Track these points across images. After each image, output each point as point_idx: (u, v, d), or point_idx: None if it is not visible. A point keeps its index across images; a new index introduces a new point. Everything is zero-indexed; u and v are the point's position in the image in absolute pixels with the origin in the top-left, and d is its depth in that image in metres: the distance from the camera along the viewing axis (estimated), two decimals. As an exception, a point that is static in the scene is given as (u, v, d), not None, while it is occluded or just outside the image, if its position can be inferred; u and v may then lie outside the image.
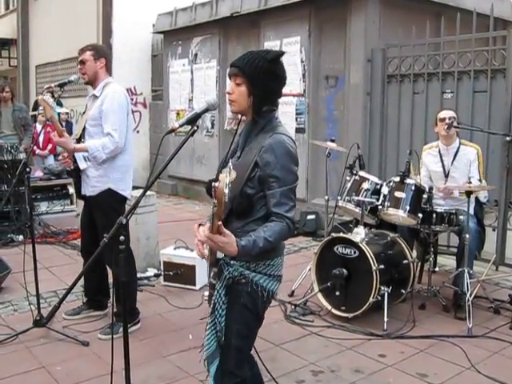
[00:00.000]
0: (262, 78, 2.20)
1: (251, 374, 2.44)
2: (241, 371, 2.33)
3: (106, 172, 3.98)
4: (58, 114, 10.40)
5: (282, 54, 2.26)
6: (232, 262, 2.24)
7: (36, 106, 10.96)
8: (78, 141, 4.05)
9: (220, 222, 2.04)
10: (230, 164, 2.04)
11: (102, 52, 4.11)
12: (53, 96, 10.66)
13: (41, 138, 9.37)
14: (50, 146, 9.62)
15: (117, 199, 4.03)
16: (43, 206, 7.19)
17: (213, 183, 1.92)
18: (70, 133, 10.63)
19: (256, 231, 2.14)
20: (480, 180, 4.74)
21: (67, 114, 10.85)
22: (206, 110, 2.26)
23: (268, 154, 2.17)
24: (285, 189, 2.18)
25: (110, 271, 4.25)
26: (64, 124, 10.63)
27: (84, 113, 4.14)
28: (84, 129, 4.04)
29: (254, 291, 2.25)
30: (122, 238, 2.13)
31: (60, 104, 10.65)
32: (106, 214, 3.93)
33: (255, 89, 2.21)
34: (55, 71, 13.80)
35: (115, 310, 3.64)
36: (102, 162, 3.94)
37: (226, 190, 1.87)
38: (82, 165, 3.99)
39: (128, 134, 4.03)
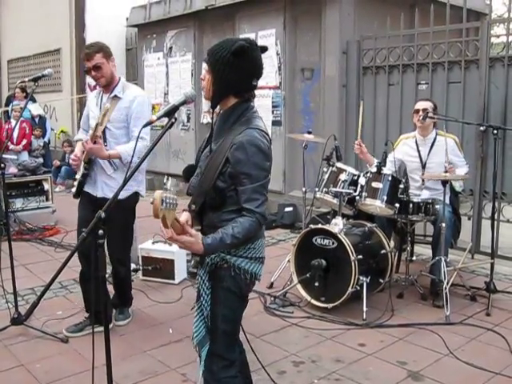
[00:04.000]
0: (222, 69, 2.17)
1: (240, 358, 2.47)
2: (230, 354, 2.37)
3: (134, 176, 3.73)
4: (29, 111, 10.28)
5: (244, 45, 2.17)
6: None
7: (8, 102, 10.80)
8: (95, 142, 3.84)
9: (184, 222, 2.09)
10: (167, 181, 2.07)
11: (109, 50, 3.89)
12: (25, 91, 10.56)
13: (15, 134, 9.26)
14: (24, 142, 9.51)
15: (136, 200, 4.07)
16: (18, 203, 7.06)
17: (151, 199, 1.90)
18: (44, 128, 10.58)
19: (226, 227, 2.15)
20: (466, 163, 4.88)
21: (39, 116, 10.70)
22: (184, 102, 2.23)
23: (239, 151, 2.15)
24: (256, 185, 2.18)
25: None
26: (37, 120, 10.53)
27: (104, 114, 3.79)
28: (104, 130, 3.82)
29: (237, 275, 2.27)
30: (100, 232, 2.11)
31: (33, 99, 10.50)
32: (127, 215, 3.99)
33: (215, 79, 2.20)
34: (28, 66, 13.59)
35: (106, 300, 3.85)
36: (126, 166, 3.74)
37: (163, 206, 1.88)
38: (109, 170, 3.87)
39: None
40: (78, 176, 4.00)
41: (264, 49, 2.29)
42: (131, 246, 4.36)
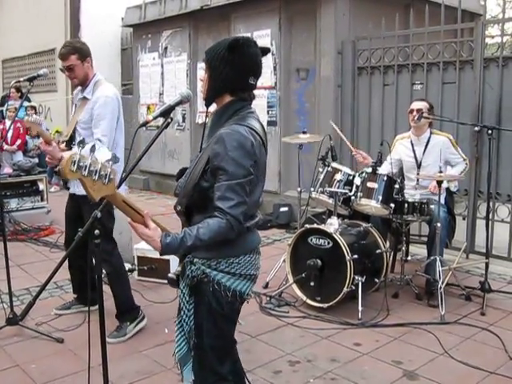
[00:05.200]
0: (217, 65, 2.11)
1: (233, 368, 2.36)
2: (222, 368, 2.25)
3: None
4: (25, 108, 10.24)
5: (239, 39, 2.13)
6: (195, 260, 2.14)
7: (3, 102, 10.77)
8: (69, 142, 3.93)
9: (146, 212, 1.99)
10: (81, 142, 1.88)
11: (85, 51, 3.92)
12: (20, 91, 10.52)
13: (9, 134, 9.24)
14: (18, 142, 9.49)
15: None
16: (13, 203, 7.04)
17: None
18: (39, 128, 10.53)
19: (191, 227, 2.02)
20: (464, 159, 4.90)
21: (34, 107, 10.67)
22: (180, 103, 2.21)
23: (218, 144, 2.04)
24: (232, 183, 2.01)
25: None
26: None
27: (74, 113, 4.01)
28: (74, 130, 3.92)
29: (216, 291, 2.13)
30: (96, 231, 2.11)
31: (28, 99, 10.46)
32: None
33: (211, 75, 2.15)
34: (22, 66, 13.55)
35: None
36: None
37: (73, 167, 1.74)
38: None
39: (121, 136, 3.99)
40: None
41: (265, 50, 2.23)
42: (112, 244, 4.06)
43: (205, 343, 2.21)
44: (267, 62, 7.63)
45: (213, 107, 2.25)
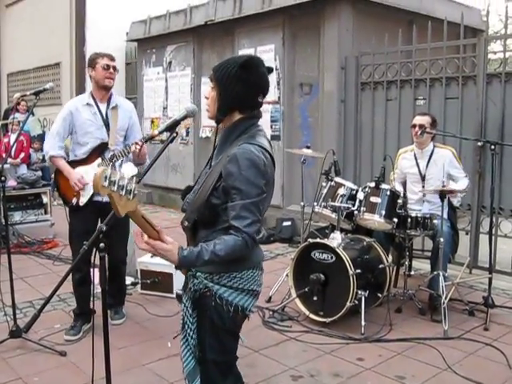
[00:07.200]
0: (229, 83, 2.11)
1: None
2: (222, 383, 2.24)
3: None
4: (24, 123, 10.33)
5: (252, 58, 2.17)
6: (198, 273, 2.15)
7: (7, 115, 10.82)
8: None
9: (159, 228, 2.00)
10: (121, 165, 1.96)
11: None
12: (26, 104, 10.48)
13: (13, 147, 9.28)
14: (22, 155, 9.53)
15: None
16: (17, 216, 7.07)
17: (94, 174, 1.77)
18: (43, 141, 10.59)
19: (208, 242, 2.04)
20: (466, 175, 4.93)
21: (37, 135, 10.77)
22: (186, 117, 2.25)
23: (231, 164, 2.04)
24: (246, 202, 2.03)
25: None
26: (37, 135, 10.59)
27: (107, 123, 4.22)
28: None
29: (218, 305, 2.13)
30: (101, 245, 2.13)
31: (32, 113, 10.53)
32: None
33: (221, 93, 2.13)
34: (27, 79, 13.63)
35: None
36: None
37: (106, 183, 1.73)
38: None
39: None
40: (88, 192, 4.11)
41: (270, 70, 2.26)
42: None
43: (208, 358, 2.20)
44: (271, 76, 7.59)
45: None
